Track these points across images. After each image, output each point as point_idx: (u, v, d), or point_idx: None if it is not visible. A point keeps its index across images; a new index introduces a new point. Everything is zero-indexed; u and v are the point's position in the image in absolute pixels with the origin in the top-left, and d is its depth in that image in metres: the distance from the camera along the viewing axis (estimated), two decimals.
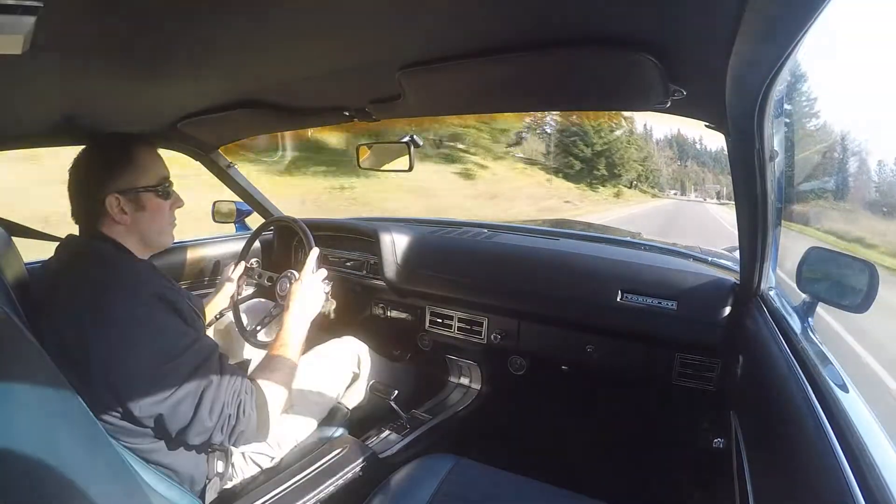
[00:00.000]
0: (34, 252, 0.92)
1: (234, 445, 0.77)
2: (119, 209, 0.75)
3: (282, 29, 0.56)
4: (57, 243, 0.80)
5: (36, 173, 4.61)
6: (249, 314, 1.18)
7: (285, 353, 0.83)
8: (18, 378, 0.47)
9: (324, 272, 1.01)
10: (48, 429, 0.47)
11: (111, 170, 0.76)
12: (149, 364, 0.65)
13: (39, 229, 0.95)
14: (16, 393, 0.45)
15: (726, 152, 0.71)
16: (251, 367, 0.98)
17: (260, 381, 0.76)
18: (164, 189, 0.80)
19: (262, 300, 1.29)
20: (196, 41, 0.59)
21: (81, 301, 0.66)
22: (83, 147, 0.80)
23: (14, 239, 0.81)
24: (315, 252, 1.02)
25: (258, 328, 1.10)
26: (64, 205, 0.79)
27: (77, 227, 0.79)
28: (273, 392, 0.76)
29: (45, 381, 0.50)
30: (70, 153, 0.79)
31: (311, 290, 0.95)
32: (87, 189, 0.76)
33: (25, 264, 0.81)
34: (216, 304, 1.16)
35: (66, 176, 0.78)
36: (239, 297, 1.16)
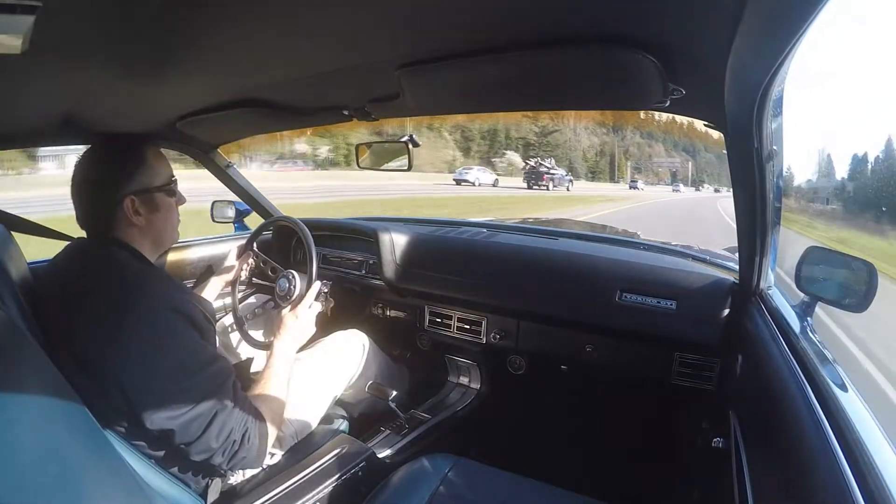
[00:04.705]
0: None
1: (230, 470, 0.78)
2: (134, 211, 0.76)
3: (281, 28, 0.56)
4: (55, 240, 0.80)
5: None
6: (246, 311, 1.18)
7: (277, 383, 0.85)
8: (18, 378, 0.47)
9: (318, 307, 1.02)
10: (48, 428, 0.47)
11: (126, 171, 0.76)
12: (164, 379, 0.65)
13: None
14: (16, 393, 0.45)
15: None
16: (253, 367, 0.98)
17: (262, 411, 0.77)
18: (172, 187, 0.82)
19: (262, 296, 1.29)
20: (195, 41, 0.59)
21: (99, 310, 0.66)
22: (89, 147, 0.80)
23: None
24: (316, 286, 1.02)
25: (248, 316, 1.14)
26: None
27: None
28: (270, 422, 0.78)
29: (45, 381, 0.50)
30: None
31: (301, 326, 0.96)
32: (101, 191, 0.76)
33: (28, 263, 0.80)
34: (214, 289, 1.15)
35: None
36: (240, 282, 1.18)
